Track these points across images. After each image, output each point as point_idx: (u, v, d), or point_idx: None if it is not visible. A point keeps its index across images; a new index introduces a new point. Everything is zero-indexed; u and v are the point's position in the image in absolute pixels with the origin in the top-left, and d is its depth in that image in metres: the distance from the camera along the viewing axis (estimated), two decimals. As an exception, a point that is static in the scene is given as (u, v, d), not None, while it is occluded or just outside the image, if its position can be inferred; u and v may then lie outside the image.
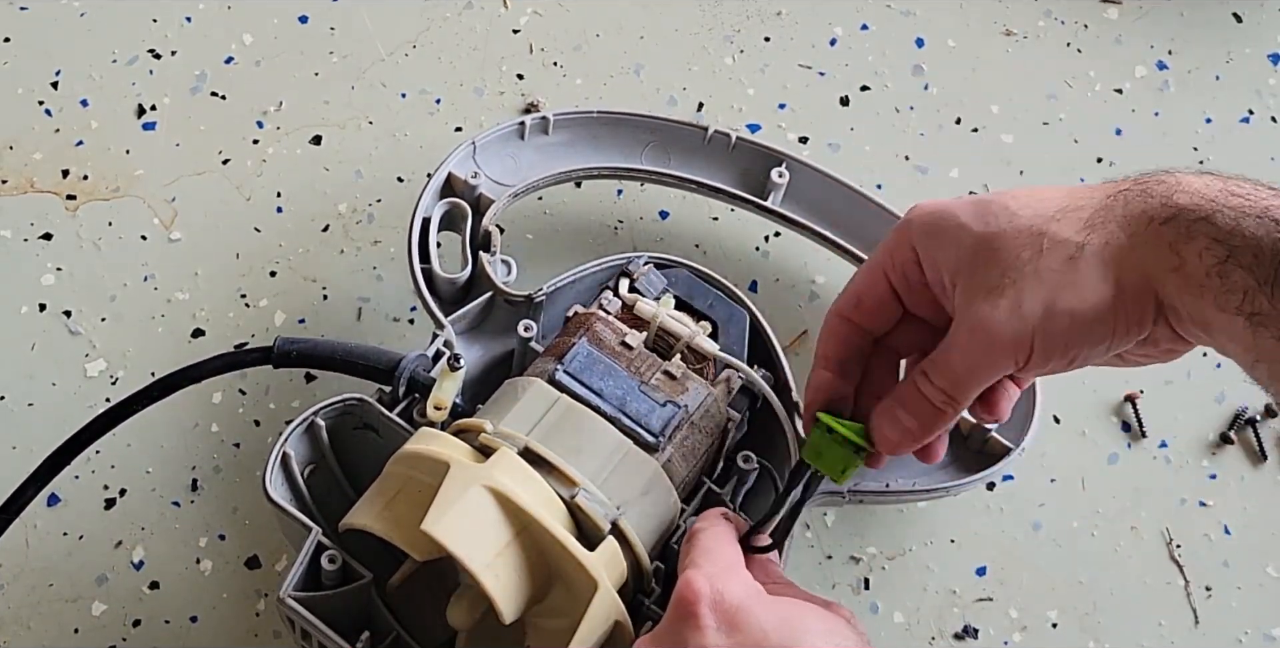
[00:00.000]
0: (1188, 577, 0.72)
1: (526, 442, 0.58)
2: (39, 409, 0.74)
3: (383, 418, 0.63)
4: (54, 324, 0.76)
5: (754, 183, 0.76)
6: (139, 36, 0.85)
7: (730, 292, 0.69)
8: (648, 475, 0.60)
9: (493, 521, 0.55)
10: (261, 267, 0.78)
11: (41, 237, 0.79)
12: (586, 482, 0.58)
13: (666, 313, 0.65)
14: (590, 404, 0.61)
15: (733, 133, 0.75)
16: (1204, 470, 0.75)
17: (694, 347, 0.65)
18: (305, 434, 0.64)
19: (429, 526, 0.54)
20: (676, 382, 0.63)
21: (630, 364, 0.63)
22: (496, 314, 0.70)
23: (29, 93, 0.83)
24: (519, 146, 0.75)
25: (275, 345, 0.65)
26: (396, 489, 0.58)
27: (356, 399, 0.64)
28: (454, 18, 0.86)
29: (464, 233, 0.71)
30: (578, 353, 0.62)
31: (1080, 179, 0.82)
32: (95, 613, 0.70)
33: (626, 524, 0.58)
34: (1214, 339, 0.52)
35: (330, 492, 0.66)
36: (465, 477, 0.56)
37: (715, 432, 0.64)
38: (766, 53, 0.86)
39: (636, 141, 0.76)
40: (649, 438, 0.61)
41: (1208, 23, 0.87)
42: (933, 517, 0.73)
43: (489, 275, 0.70)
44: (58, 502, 0.72)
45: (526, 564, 0.56)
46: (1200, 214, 0.50)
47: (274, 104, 0.83)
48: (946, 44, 0.86)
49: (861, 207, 0.74)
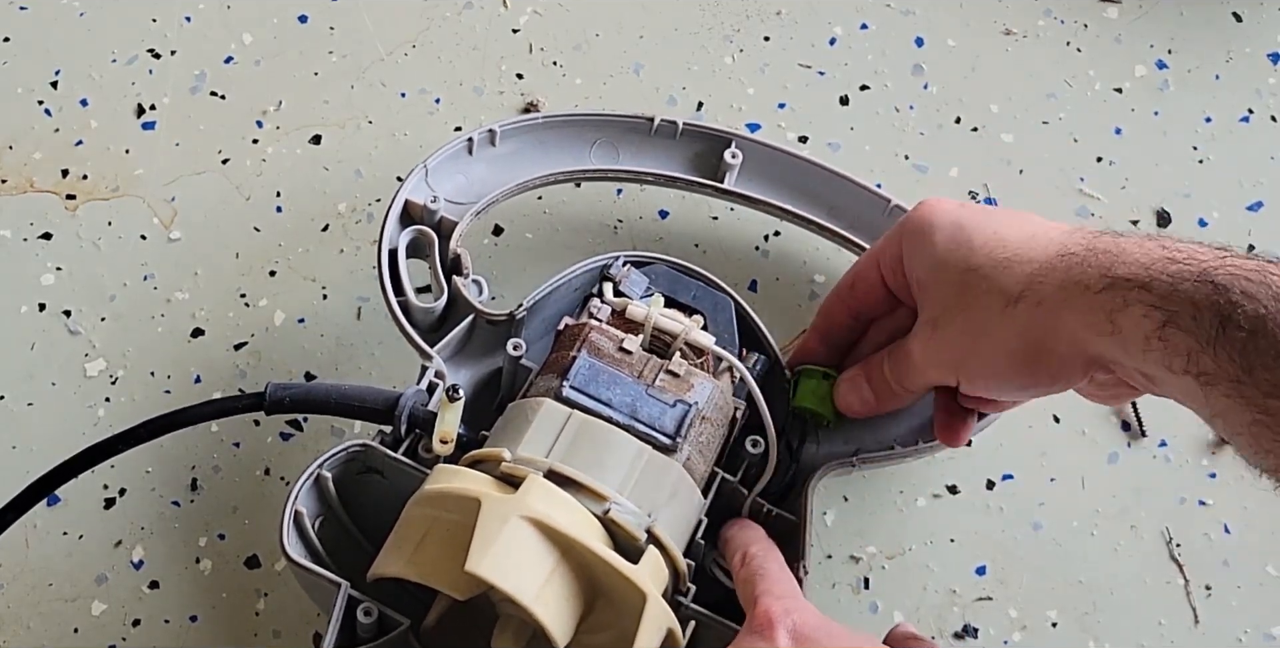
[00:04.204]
0: (1187, 576, 0.72)
1: (550, 465, 0.58)
2: (39, 409, 0.74)
3: (388, 460, 0.62)
4: (54, 324, 0.76)
5: (708, 166, 0.76)
6: (139, 36, 0.85)
7: (708, 279, 0.69)
8: (672, 478, 0.60)
9: (535, 550, 0.55)
10: (261, 266, 0.78)
11: (41, 236, 0.79)
12: (616, 495, 0.58)
13: (659, 312, 0.65)
14: (602, 416, 0.60)
15: (679, 120, 0.75)
16: (1204, 470, 0.75)
17: (691, 342, 0.65)
18: (313, 488, 0.63)
19: (474, 566, 0.54)
20: (681, 379, 0.63)
21: (633, 369, 0.63)
22: (478, 335, 0.69)
23: (29, 93, 0.83)
24: (469, 162, 0.74)
25: (267, 392, 0.63)
26: (423, 532, 0.57)
27: (360, 445, 0.63)
28: (454, 17, 0.86)
29: (432, 259, 0.70)
30: (580, 366, 0.62)
31: (1080, 179, 0.82)
32: (95, 613, 0.70)
33: (660, 531, 0.58)
34: (1167, 393, 0.53)
35: (342, 541, 0.64)
36: (501, 511, 0.55)
37: (725, 423, 0.64)
38: (766, 52, 0.86)
39: (583, 141, 0.75)
40: (665, 440, 0.60)
41: (1208, 22, 0.87)
42: (933, 517, 0.73)
43: (467, 299, 0.69)
44: (58, 502, 0.72)
45: (570, 586, 0.56)
46: (1137, 283, 0.51)
47: (274, 104, 0.83)
48: (946, 43, 0.86)
49: (817, 177, 0.75)
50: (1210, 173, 0.82)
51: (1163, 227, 0.81)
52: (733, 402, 0.65)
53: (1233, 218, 0.81)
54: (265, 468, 0.73)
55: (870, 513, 0.73)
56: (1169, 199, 0.82)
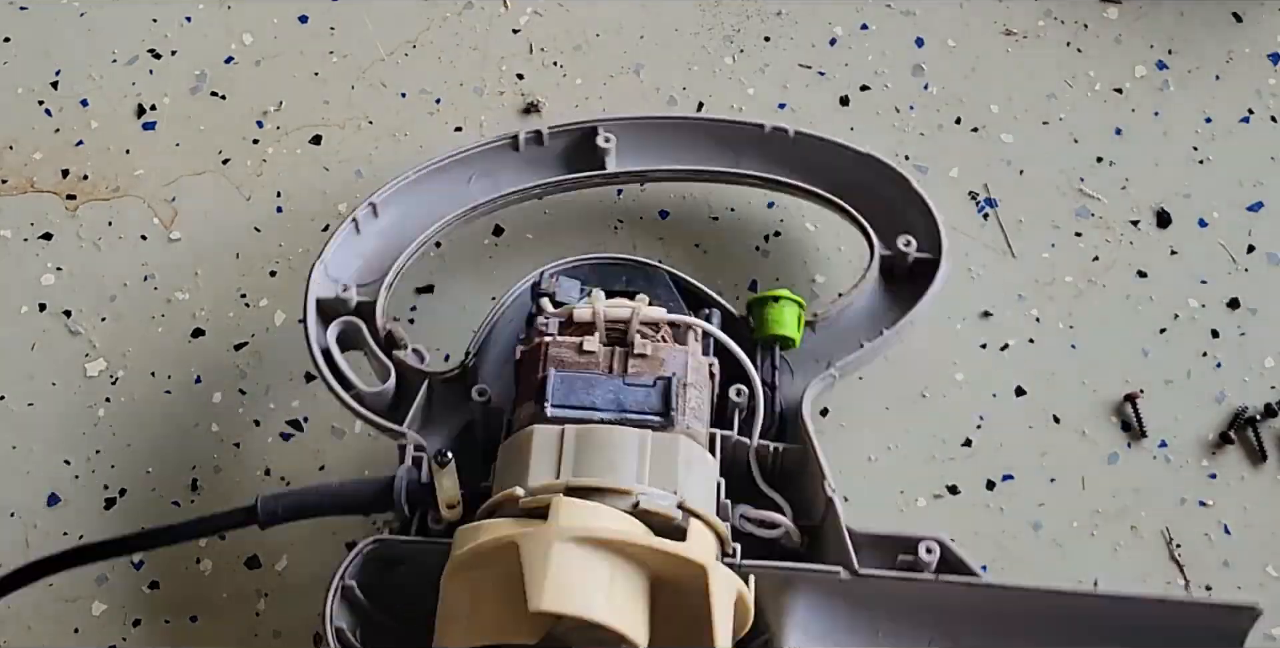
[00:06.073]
0: (1188, 577, 0.72)
1: (565, 483, 0.58)
2: (39, 409, 0.74)
3: (405, 546, 0.62)
4: (54, 324, 0.76)
5: (587, 160, 0.76)
6: (139, 36, 0.85)
7: (632, 261, 0.70)
8: (682, 451, 0.60)
9: (588, 566, 0.55)
10: (261, 267, 0.78)
11: (41, 236, 0.79)
12: (638, 486, 0.58)
13: (603, 306, 0.65)
14: (592, 420, 0.61)
15: (543, 128, 0.75)
16: (1204, 470, 0.75)
17: (645, 319, 0.65)
18: (343, 601, 0.62)
19: (538, 603, 0.53)
20: (650, 359, 0.63)
21: (601, 366, 0.63)
22: (438, 397, 0.69)
23: (29, 93, 0.83)
24: (361, 242, 0.73)
25: (258, 505, 0.63)
26: (469, 597, 0.57)
27: (372, 543, 0.62)
28: (454, 18, 0.86)
29: (367, 346, 0.69)
30: (553, 384, 0.62)
31: (1080, 179, 0.82)
32: (95, 613, 0.70)
33: (691, 503, 0.59)
34: None
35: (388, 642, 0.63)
36: (540, 542, 0.55)
37: (706, 382, 0.65)
38: (766, 53, 0.86)
39: (459, 180, 0.75)
40: (659, 420, 0.61)
41: (1208, 23, 0.87)
42: (933, 517, 0.73)
43: (415, 368, 0.69)
44: (58, 502, 0.72)
45: (633, 588, 0.56)
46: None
47: (274, 104, 0.83)
48: (946, 44, 0.86)
49: (691, 132, 0.76)
50: (1210, 173, 0.82)
51: (1163, 227, 0.81)
52: (705, 360, 0.65)
53: (1233, 218, 0.81)
54: (265, 468, 0.73)
55: (871, 513, 0.73)
56: (1169, 199, 0.82)
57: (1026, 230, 0.80)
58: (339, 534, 0.71)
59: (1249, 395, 0.76)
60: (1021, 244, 0.80)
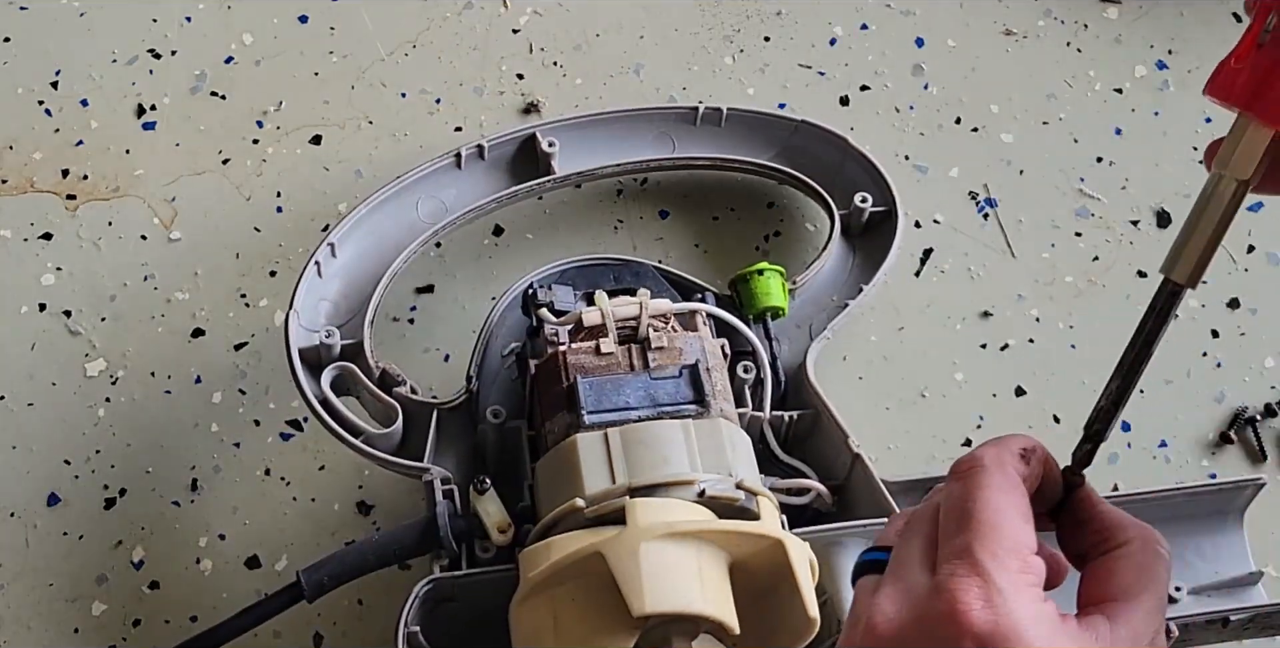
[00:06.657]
0: (1188, 577, 0.72)
1: (626, 485, 0.58)
2: (39, 409, 0.74)
3: (461, 581, 0.62)
4: (54, 324, 0.76)
5: (532, 167, 0.76)
6: (139, 36, 0.85)
7: (615, 258, 0.71)
8: (724, 434, 0.61)
9: (675, 562, 0.55)
10: (261, 267, 0.78)
11: (41, 237, 0.79)
12: (697, 475, 0.58)
13: (609, 306, 0.65)
14: (630, 420, 0.61)
15: (483, 141, 0.75)
16: (1204, 470, 0.75)
17: (655, 312, 0.65)
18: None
19: (641, 607, 0.54)
20: (669, 350, 0.63)
21: (624, 366, 0.63)
22: (447, 426, 0.69)
23: (29, 93, 0.83)
24: (326, 284, 0.72)
25: (302, 580, 0.62)
26: (551, 617, 0.57)
27: (429, 584, 0.62)
28: (454, 17, 0.86)
29: (364, 390, 0.68)
30: (584, 390, 0.61)
31: (1080, 179, 0.82)
32: (95, 613, 0.70)
33: (749, 482, 0.59)
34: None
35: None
36: (627, 546, 0.55)
37: (723, 363, 0.66)
38: (766, 53, 0.86)
39: (408, 207, 0.74)
40: (695, 408, 0.61)
41: (1208, 23, 0.87)
42: (933, 517, 0.73)
43: (418, 402, 0.68)
44: (58, 502, 0.72)
45: (718, 575, 0.56)
46: None
47: (274, 104, 0.83)
48: (946, 44, 0.86)
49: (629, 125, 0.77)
50: (1210, 173, 0.82)
51: (1162, 227, 0.81)
52: (717, 342, 0.66)
53: (1233, 218, 0.81)
54: (265, 468, 0.73)
55: (870, 513, 0.73)
56: (1169, 199, 0.82)
57: (1026, 230, 0.81)
58: (339, 534, 0.71)
59: (1249, 395, 0.76)
60: (1021, 244, 0.80)
